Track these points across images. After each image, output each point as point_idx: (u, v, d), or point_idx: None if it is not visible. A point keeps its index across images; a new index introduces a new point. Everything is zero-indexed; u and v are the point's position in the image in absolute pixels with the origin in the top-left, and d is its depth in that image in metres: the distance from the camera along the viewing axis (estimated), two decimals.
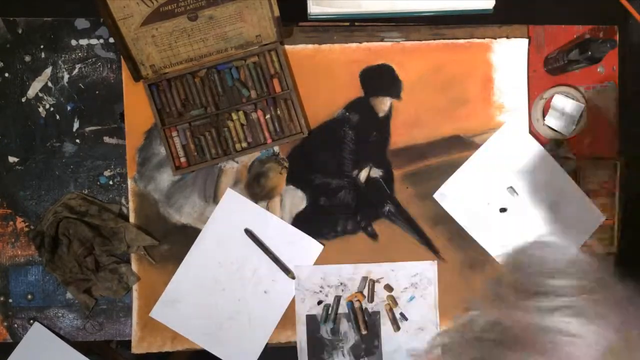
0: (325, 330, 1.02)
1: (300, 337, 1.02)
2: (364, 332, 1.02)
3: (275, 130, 1.03)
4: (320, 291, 1.03)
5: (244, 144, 1.03)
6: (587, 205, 1.04)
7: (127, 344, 1.04)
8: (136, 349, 1.02)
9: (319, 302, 1.03)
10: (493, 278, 0.48)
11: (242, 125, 1.03)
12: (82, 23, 1.03)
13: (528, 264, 0.44)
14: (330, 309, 1.02)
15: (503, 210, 1.01)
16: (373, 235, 1.04)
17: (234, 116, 1.02)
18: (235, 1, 0.93)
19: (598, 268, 0.43)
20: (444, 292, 1.04)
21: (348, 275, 1.03)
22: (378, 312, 1.03)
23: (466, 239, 1.04)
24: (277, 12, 0.95)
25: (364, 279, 1.03)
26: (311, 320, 1.02)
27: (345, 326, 1.03)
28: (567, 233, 1.03)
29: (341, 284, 1.03)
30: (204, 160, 1.02)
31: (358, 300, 1.02)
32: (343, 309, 1.03)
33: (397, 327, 1.03)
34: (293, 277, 1.02)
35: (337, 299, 1.02)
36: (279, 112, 1.03)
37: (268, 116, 1.03)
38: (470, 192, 1.03)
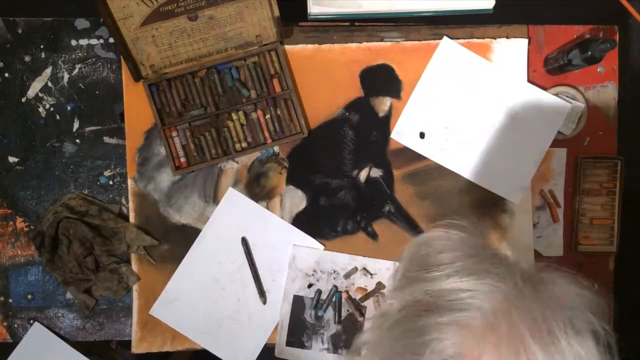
0: (309, 314, 1.02)
1: (283, 314, 1.02)
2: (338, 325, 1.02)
3: (275, 130, 1.03)
4: (313, 275, 1.02)
5: (244, 144, 1.03)
6: (548, 99, 1.03)
7: (127, 344, 1.04)
8: (136, 348, 1.02)
9: (309, 285, 1.02)
10: (397, 269, 0.58)
11: (242, 125, 1.03)
12: (82, 23, 1.03)
13: (422, 246, 0.55)
14: (326, 295, 1.02)
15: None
16: (373, 235, 1.04)
17: (234, 116, 1.02)
18: (235, 1, 0.93)
19: (473, 240, 0.54)
20: None
21: (343, 264, 1.03)
22: (365, 307, 1.03)
23: None
24: (277, 12, 0.95)
25: (355, 268, 1.02)
26: (298, 300, 1.02)
27: (329, 314, 1.03)
28: (535, 131, 1.03)
29: (334, 271, 1.03)
30: (204, 160, 1.02)
31: (347, 292, 1.02)
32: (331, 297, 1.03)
33: None
34: (264, 303, 1.02)
35: (335, 288, 1.02)
36: (279, 112, 1.03)
37: (268, 116, 1.03)
38: (425, 121, 1.03)
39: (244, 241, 1.02)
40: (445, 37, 1.03)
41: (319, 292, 1.02)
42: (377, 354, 0.52)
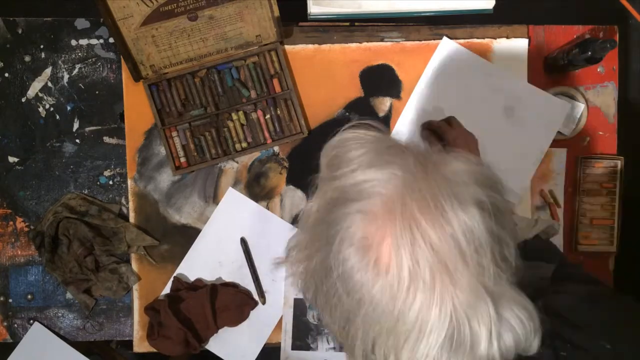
0: (311, 315, 1.02)
1: (286, 319, 1.02)
2: None
3: (275, 130, 1.03)
4: None
5: (244, 144, 1.03)
6: (548, 99, 1.03)
7: (127, 344, 1.04)
8: (138, 347, 1.02)
9: None
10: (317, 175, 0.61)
11: (242, 125, 1.03)
12: (82, 23, 1.03)
13: (334, 149, 0.57)
14: None
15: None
16: None
17: (234, 116, 1.02)
18: (235, 1, 0.93)
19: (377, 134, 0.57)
20: None
21: None
22: None
23: None
24: (277, 12, 0.95)
25: None
26: (299, 303, 1.02)
27: None
28: (535, 131, 1.03)
29: None
30: (204, 160, 1.02)
31: None
32: None
33: None
34: (264, 303, 1.02)
35: None
36: (279, 112, 1.03)
37: (268, 116, 1.03)
38: (425, 121, 1.03)
39: (243, 241, 1.02)
40: (445, 37, 1.03)
41: None
42: (302, 252, 0.56)
